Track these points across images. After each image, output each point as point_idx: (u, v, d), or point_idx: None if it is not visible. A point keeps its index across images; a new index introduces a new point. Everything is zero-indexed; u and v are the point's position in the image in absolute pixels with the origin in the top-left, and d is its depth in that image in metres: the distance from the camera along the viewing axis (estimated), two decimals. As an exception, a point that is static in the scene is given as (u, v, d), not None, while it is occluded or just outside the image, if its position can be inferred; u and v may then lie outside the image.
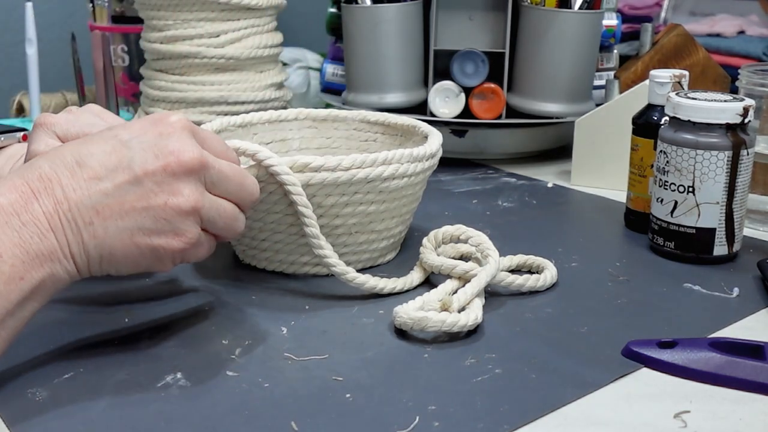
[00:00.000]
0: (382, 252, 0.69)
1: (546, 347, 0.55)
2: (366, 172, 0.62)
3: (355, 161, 0.61)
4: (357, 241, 0.66)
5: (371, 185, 0.62)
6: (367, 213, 0.64)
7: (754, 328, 0.59)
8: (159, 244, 0.49)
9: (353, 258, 0.66)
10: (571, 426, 0.47)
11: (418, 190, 0.68)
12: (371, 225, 0.65)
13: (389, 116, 0.78)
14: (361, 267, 0.67)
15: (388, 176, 0.63)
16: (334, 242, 0.64)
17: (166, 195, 0.49)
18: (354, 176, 0.61)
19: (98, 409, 0.47)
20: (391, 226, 0.67)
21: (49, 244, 0.47)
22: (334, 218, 0.63)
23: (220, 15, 0.97)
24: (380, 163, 0.62)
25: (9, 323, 0.46)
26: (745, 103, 0.67)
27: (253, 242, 0.66)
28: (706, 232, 0.69)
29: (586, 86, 0.99)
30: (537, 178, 0.95)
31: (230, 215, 0.53)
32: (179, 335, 0.56)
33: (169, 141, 0.50)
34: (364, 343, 0.55)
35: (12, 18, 1.29)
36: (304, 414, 0.47)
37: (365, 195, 0.63)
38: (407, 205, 0.67)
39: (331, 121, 0.80)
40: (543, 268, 0.66)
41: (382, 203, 0.64)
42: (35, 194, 0.47)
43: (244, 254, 0.68)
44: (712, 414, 0.48)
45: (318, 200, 0.62)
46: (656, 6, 1.24)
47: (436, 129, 0.72)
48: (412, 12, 0.97)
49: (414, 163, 0.64)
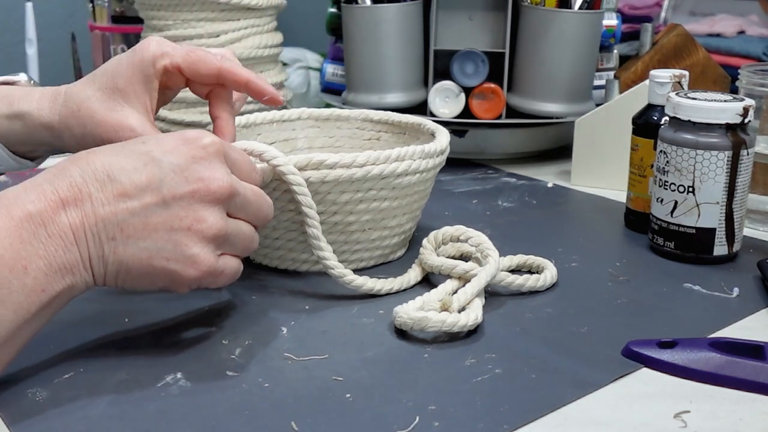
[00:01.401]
0: (393, 249, 0.69)
1: (546, 347, 0.55)
2: (380, 169, 0.62)
3: (370, 158, 0.62)
4: (370, 238, 0.66)
5: (385, 181, 0.63)
6: (380, 209, 0.65)
7: (754, 328, 0.59)
8: (175, 270, 0.50)
9: (366, 255, 0.67)
10: (571, 426, 0.47)
11: (428, 186, 0.69)
12: (384, 221, 0.66)
13: (393, 115, 0.78)
14: (374, 264, 0.68)
15: (401, 172, 0.63)
16: (347, 239, 0.65)
17: (190, 220, 0.49)
18: (369, 173, 0.62)
19: (98, 409, 0.47)
20: (402, 222, 0.68)
21: (72, 258, 0.47)
22: (348, 215, 0.64)
23: (220, 15, 0.97)
24: (394, 159, 0.63)
25: (25, 331, 0.47)
26: (745, 103, 0.67)
27: (265, 241, 0.66)
28: (706, 232, 0.69)
29: (586, 86, 0.99)
30: (537, 178, 0.95)
31: (248, 237, 0.54)
32: (179, 335, 0.56)
33: (201, 167, 0.50)
34: (364, 343, 0.55)
35: (12, 18, 1.29)
36: (304, 414, 0.47)
37: (379, 191, 0.64)
38: (417, 201, 0.68)
39: (334, 120, 0.80)
40: (543, 268, 0.66)
41: (395, 199, 0.65)
42: (64, 204, 0.47)
43: (254, 253, 0.69)
44: (712, 414, 0.48)
45: (332, 197, 0.62)
46: (656, 6, 1.24)
47: None
48: (412, 12, 0.97)
49: (426, 160, 0.65)
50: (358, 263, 0.67)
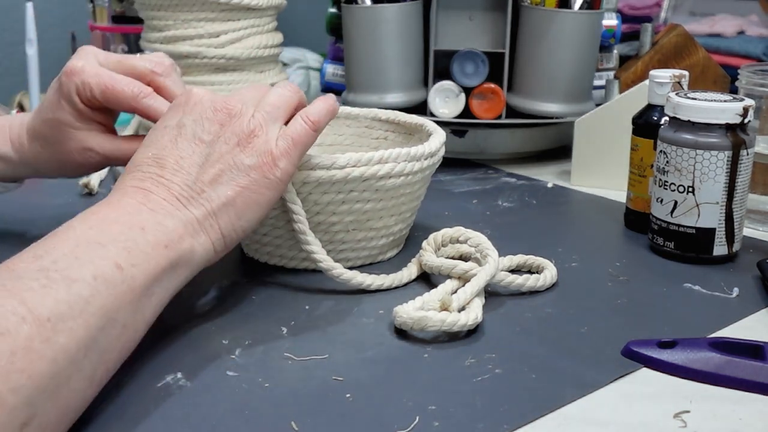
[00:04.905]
0: (382, 249, 0.69)
1: (546, 347, 0.55)
2: (361, 171, 0.62)
3: (350, 160, 0.62)
4: (355, 239, 0.66)
5: (367, 184, 0.63)
6: (364, 211, 0.64)
7: (754, 328, 0.59)
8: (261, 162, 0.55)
9: (352, 255, 0.67)
10: (571, 426, 0.47)
11: (418, 188, 0.68)
12: (369, 222, 0.65)
13: (399, 114, 0.78)
14: (360, 264, 0.68)
15: (383, 175, 0.63)
16: (331, 239, 0.64)
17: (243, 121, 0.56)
18: (349, 174, 0.61)
19: (98, 409, 0.47)
20: (390, 224, 0.67)
21: (178, 221, 0.52)
22: (331, 215, 0.63)
23: (220, 15, 0.97)
24: (376, 162, 0.62)
25: (157, 290, 0.50)
26: (745, 103, 0.67)
27: (255, 236, 0.66)
28: (706, 232, 0.69)
29: (586, 86, 0.99)
30: (537, 178, 0.95)
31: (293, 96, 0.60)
32: (179, 335, 0.56)
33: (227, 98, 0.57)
34: (364, 343, 0.55)
35: (12, 18, 1.29)
36: (304, 414, 0.47)
37: (361, 193, 0.63)
38: (406, 204, 0.67)
39: (343, 119, 0.81)
40: (543, 268, 0.66)
41: (379, 201, 0.64)
42: (147, 191, 0.52)
43: (248, 247, 0.69)
44: (712, 414, 0.48)
45: (314, 198, 0.62)
46: (656, 6, 1.24)
47: None
48: (412, 12, 0.97)
49: (411, 162, 0.64)
50: (344, 263, 0.66)
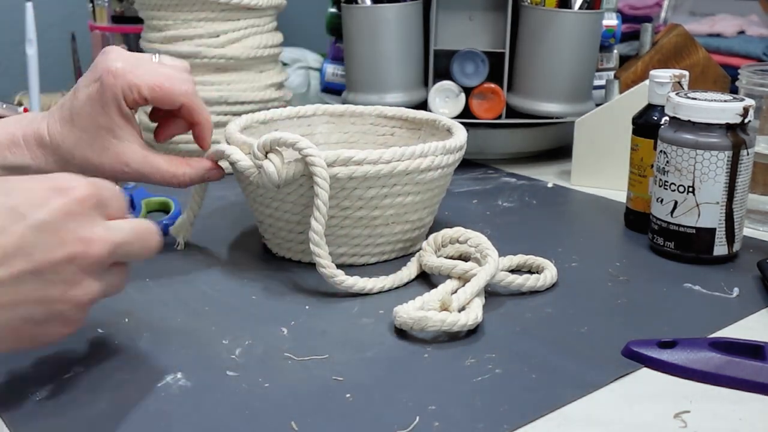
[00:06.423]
0: (414, 242, 0.71)
1: (546, 347, 0.55)
2: (405, 165, 0.64)
3: (395, 154, 0.63)
4: (393, 231, 0.68)
5: (409, 177, 0.65)
6: (404, 204, 0.66)
7: (754, 328, 0.59)
8: (44, 332, 0.45)
9: (388, 248, 0.69)
10: (571, 426, 0.47)
11: (447, 181, 0.71)
12: (406, 215, 0.67)
13: (407, 111, 0.80)
14: (395, 256, 0.70)
15: (425, 168, 0.65)
16: (371, 233, 0.66)
17: (64, 285, 0.44)
18: (395, 168, 0.63)
19: (98, 409, 0.47)
20: (423, 216, 0.69)
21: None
22: (374, 210, 0.65)
23: (220, 15, 0.97)
24: (418, 155, 0.65)
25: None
26: (745, 103, 0.67)
27: (289, 235, 0.67)
28: (706, 232, 0.69)
29: (586, 86, 0.99)
30: (537, 178, 0.95)
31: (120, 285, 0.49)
32: (179, 335, 0.56)
33: (78, 225, 0.44)
34: (364, 343, 0.55)
35: (12, 18, 1.29)
36: (304, 414, 0.47)
37: (403, 186, 0.65)
38: (437, 196, 0.70)
39: (348, 116, 0.82)
40: (543, 268, 0.66)
41: (418, 194, 0.67)
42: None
43: (277, 246, 0.70)
44: (712, 414, 0.48)
45: (359, 193, 0.64)
46: (656, 6, 1.24)
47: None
48: (412, 12, 0.97)
49: (447, 155, 0.67)
50: (380, 256, 0.69)
